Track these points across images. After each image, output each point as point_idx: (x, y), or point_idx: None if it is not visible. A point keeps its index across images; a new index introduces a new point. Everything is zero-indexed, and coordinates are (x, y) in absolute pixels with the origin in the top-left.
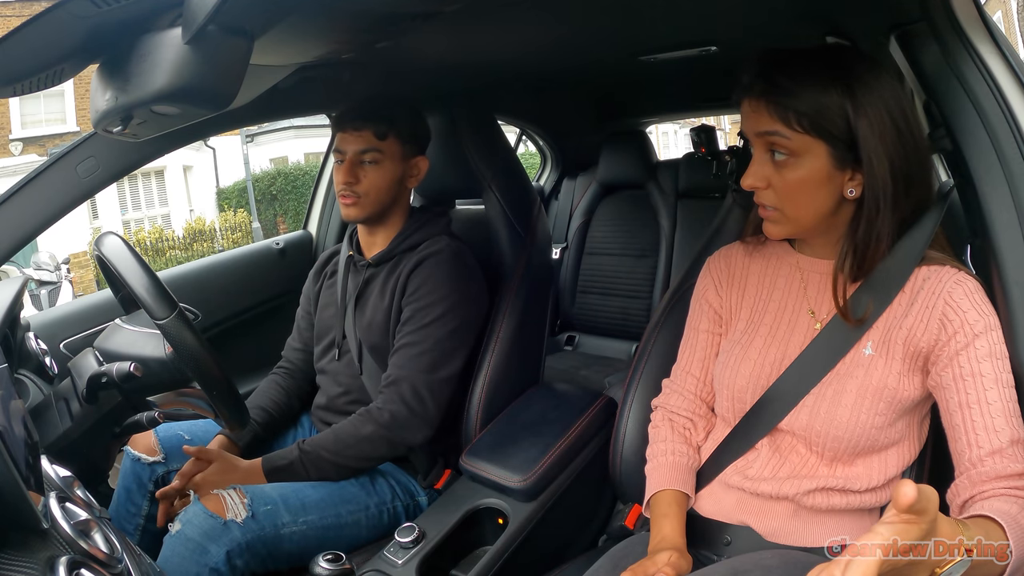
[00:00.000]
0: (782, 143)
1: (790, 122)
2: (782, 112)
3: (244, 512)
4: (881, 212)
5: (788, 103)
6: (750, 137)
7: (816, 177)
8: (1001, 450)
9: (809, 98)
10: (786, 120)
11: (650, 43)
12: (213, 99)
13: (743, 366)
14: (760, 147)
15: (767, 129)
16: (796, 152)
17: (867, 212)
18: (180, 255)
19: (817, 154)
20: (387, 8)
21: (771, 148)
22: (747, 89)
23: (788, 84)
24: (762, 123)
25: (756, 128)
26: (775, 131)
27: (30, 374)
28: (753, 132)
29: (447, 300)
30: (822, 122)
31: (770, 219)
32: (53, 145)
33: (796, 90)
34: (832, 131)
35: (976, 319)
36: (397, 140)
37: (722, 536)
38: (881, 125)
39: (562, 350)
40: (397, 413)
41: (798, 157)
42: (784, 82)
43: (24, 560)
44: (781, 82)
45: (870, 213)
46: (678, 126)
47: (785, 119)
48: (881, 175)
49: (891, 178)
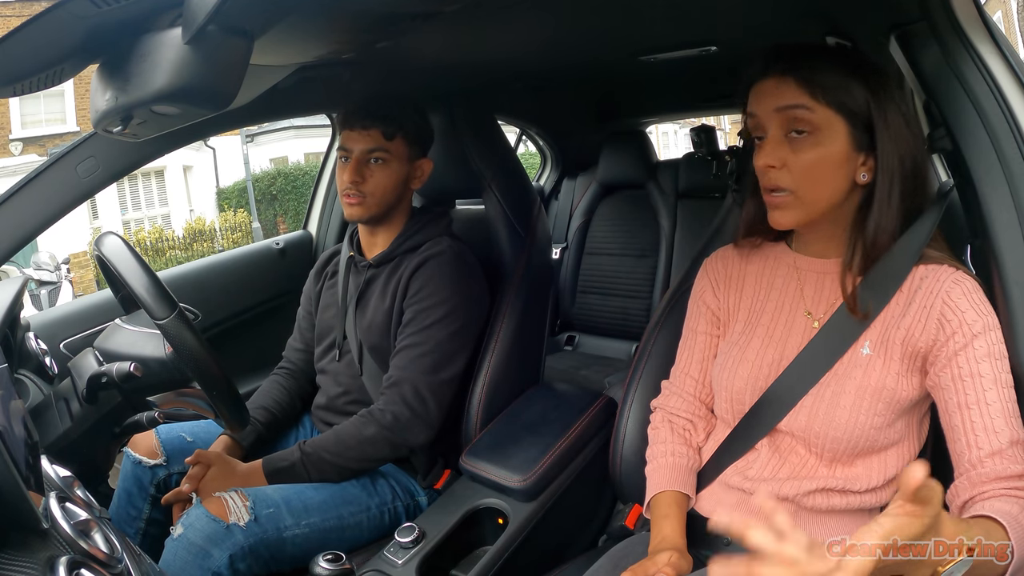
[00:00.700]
0: (805, 116)
1: (816, 94)
2: (808, 85)
3: (247, 515)
4: (891, 198)
5: (814, 77)
6: (766, 116)
7: (834, 157)
8: (1001, 451)
9: (833, 76)
10: (812, 92)
11: (650, 43)
12: (213, 99)
13: (741, 367)
14: (777, 125)
15: (792, 102)
16: (817, 127)
17: (879, 196)
18: (180, 255)
19: (837, 130)
20: (387, 8)
21: (790, 127)
22: (765, 70)
23: (812, 62)
24: (786, 96)
25: (779, 102)
26: (800, 104)
27: (30, 374)
28: (773, 108)
29: (449, 302)
30: (845, 98)
31: (779, 205)
32: (53, 145)
33: (821, 67)
34: (853, 108)
35: (974, 319)
36: (404, 141)
37: (722, 536)
38: (894, 117)
39: (562, 350)
40: (399, 414)
41: (818, 134)
42: (808, 61)
43: (24, 560)
44: (805, 61)
45: (882, 197)
46: (678, 126)
47: (811, 91)
48: (894, 159)
49: (900, 164)
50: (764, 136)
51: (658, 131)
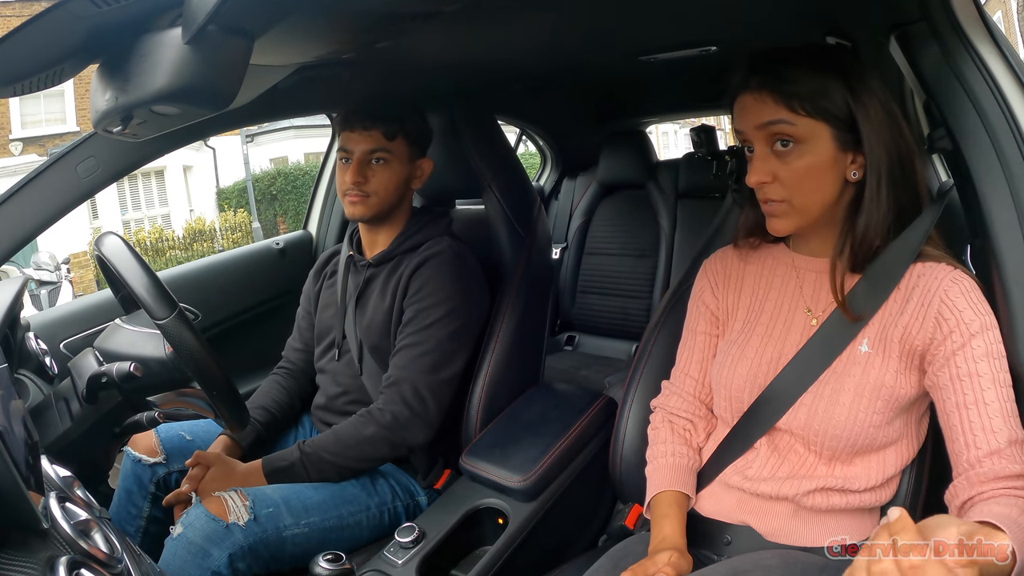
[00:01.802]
0: (786, 130)
1: (794, 107)
2: (785, 99)
3: (246, 515)
4: (881, 191)
5: (789, 89)
6: (750, 132)
7: (822, 162)
8: (999, 451)
9: (809, 82)
10: (790, 106)
11: (650, 43)
12: (213, 99)
13: (740, 366)
14: (761, 141)
15: (770, 119)
16: (801, 138)
17: (868, 191)
18: (180, 255)
19: (821, 136)
20: (387, 8)
21: (774, 140)
22: (744, 84)
23: (786, 72)
24: (765, 113)
25: (758, 120)
26: (779, 119)
27: (30, 374)
28: (754, 125)
29: (449, 302)
30: (824, 103)
31: (776, 214)
32: (53, 145)
33: (795, 76)
34: (834, 111)
35: (972, 318)
36: (405, 141)
37: (722, 536)
38: (877, 106)
39: (562, 350)
40: (398, 414)
41: (803, 143)
42: (782, 70)
43: (24, 560)
44: (779, 71)
45: (871, 191)
46: (678, 126)
47: (789, 105)
48: (880, 152)
49: (887, 156)
50: (752, 149)
51: (658, 131)
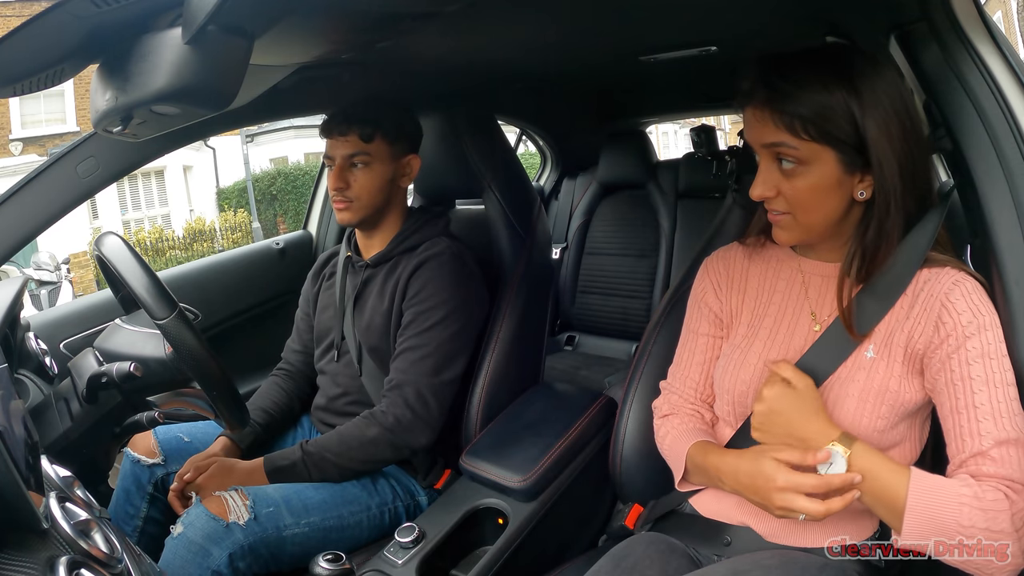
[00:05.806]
0: (789, 152)
1: (796, 130)
2: (787, 120)
3: (246, 514)
4: (891, 212)
5: (792, 110)
6: (755, 148)
7: (826, 183)
8: (983, 452)
9: (813, 102)
10: (792, 128)
11: (650, 43)
12: (213, 99)
13: (743, 370)
14: (766, 157)
15: (773, 140)
16: (804, 160)
17: (878, 212)
18: (180, 255)
19: (826, 160)
20: (387, 8)
21: (778, 156)
22: (749, 96)
23: (790, 89)
24: (767, 134)
25: (762, 139)
26: (781, 142)
27: (30, 374)
28: (759, 143)
29: (449, 303)
30: (828, 127)
31: (780, 224)
32: (53, 145)
33: (799, 95)
34: (839, 136)
35: (969, 320)
36: (384, 140)
37: (722, 536)
38: (888, 123)
39: (562, 350)
40: (401, 416)
41: (807, 165)
42: (786, 87)
43: (24, 560)
44: (783, 87)
45: (880, 213)
46: (678, 126)
47: (791, 127)
48: (891, 176)
49: (900, 178)
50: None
51: (658, 131)
